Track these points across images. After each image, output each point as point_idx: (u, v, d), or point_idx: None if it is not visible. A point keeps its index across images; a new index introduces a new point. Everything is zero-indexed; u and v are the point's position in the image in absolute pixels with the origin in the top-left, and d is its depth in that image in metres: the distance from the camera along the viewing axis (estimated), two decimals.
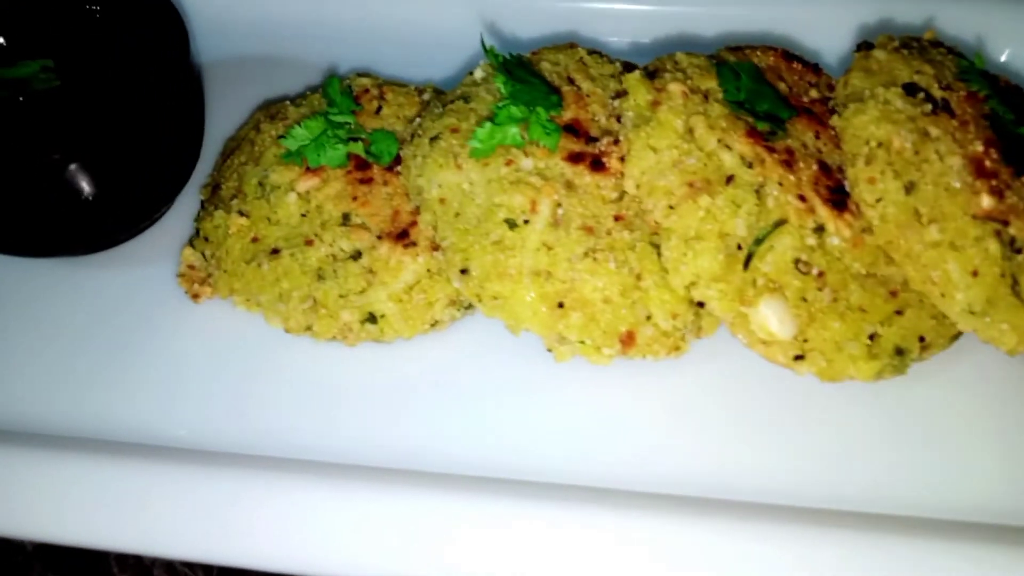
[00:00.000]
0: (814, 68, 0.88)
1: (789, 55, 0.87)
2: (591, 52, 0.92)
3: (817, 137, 0.79)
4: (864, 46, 0.83)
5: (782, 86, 0.83)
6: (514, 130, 0.78)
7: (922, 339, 0.73)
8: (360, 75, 1.00)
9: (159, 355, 0.86)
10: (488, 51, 0.84)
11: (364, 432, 0.79)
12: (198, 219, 0.91)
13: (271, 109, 0.97)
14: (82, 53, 0.92)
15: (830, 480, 0.73)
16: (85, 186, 0.82)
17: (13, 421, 0.82)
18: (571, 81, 0.88)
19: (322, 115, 0.89)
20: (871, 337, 0.71)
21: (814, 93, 0.85)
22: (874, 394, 0.75)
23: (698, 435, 0.77)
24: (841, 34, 1.04)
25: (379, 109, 0.94)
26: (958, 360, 0.76)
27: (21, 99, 0.86)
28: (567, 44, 0.94)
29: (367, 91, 0.95)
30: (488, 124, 0.77)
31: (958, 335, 0.76)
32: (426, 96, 0.96)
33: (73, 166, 0.80)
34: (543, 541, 0.69)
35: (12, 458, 0.76)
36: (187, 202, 0.96)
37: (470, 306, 0.84)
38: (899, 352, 0.72)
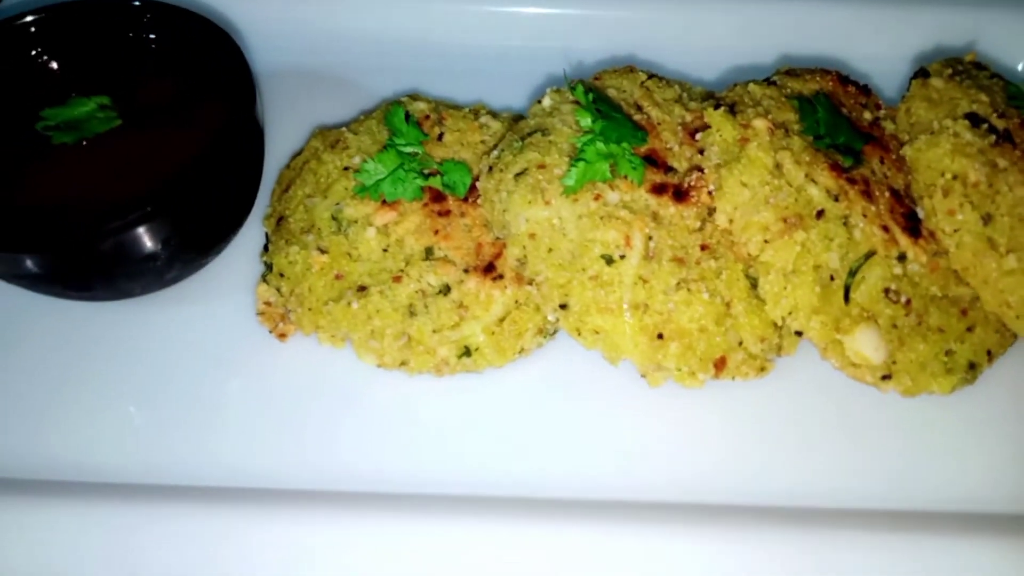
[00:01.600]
0: (864, 90, 0.92)
1: (844, 79, 0.91)
2: (651, 76, 0.95)
3: (882, 162, 0.84)
4: (921, 73, 0.87)
5: (843, 112, 0.87)
6: (603, 166, 0.80)
7: (989, 352, 0.79)
8: (413, 98, 1.00)
9: (245, 394, 0.85)
10: (575, 89, 0.85)
11: (467, 460, 0.81)
12: (268, 254, 0.90)
13: (328, 137, 0.97)
14: (138, 86, 0.90)
15: (904, 484, 0.79)
16: (159, 233, 0.81)
17: (101, 469, 0.81)
18: (639, 108, 0.90)
19: (393, 147, 0.89)
20: (947, 353, 0.77)
21: (867, 116, 0.89)
22: (942, 403, 0.81)
23: (781, 446, 0.82)
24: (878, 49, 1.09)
25: (441, 136, 0.94)
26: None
27: (84, 143, 0.84)
28: (626, 68, 0.96)
29: (427, 117, 0.96)
30: (581, 163, 0.79)
31: (1014, 342, 0.82)
32: (482, 119, 0.97)
33: (148, 217, 0.78)
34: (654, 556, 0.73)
35: (106, 505, 0.76)
36: (247, 233, 0.95)
37: (554, 332, 0.87)
38: (972, 366, 0.78)
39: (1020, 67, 1.15)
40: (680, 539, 0.75)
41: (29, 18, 0.91)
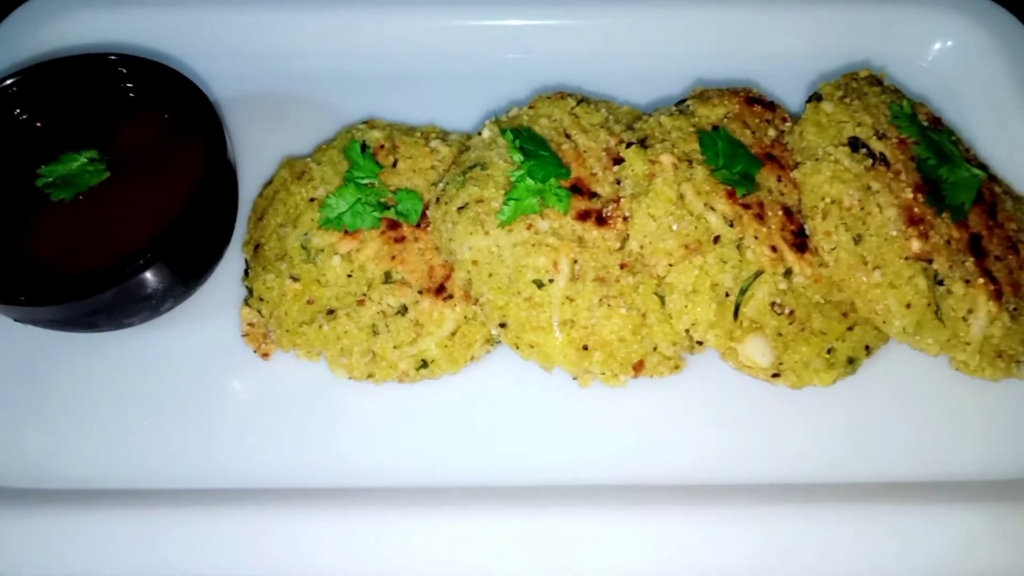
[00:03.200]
0: (770, 106, 1.03)
1: (751, 99, 1.02)
2: (580, 100, 1.06)
3: (779, 180, 0.96)
4: (815, 97, 0.98)
5: (747, 133, 0.98)
6: (532, 201, 0.92)
7: (867, 347, 0.93)
8: (370, 125, 1.11)
9: (235, 405, 0.99)
10: (504, 133, 0.96)
11: (430, 454, 0.96)
12: (248, 279, 1.03)
13: (295, 167, 1.08)
14: (119, 137, 1.00)
15: (803, 459, 0.94)
16: (158, 276, 0.93)
17: (103, 479, 0.94)
18: (567, 135, 1.02)
19: (351, 181, 1.01)
20: (828, 351, 0.91)
21: (771, 132, 1.01)
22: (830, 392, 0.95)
23: (699, 431, 0.96)
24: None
25: (395, 162, 1.06)
26: (891, 356, 0.97)
27: (81, 198, 0.95)
28: (558, 94, 1.06)
29: (382, 147, 1.07)
30: (512, 201, 0.91)
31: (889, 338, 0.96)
32: (433, 143, 1.08)
33: (148, 265, 0.91)
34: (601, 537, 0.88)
35: (107, 514, 0.89)
36: (227, 257, 1.08)
37: (499, 341, 1.00)
38: (851, 361, 0.92)
39: (936, 45, 1.25)
40: (615, 517, 0.89)
41: (9, 80, 1.01)
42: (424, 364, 0.97)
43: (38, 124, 1.01)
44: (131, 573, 0.86)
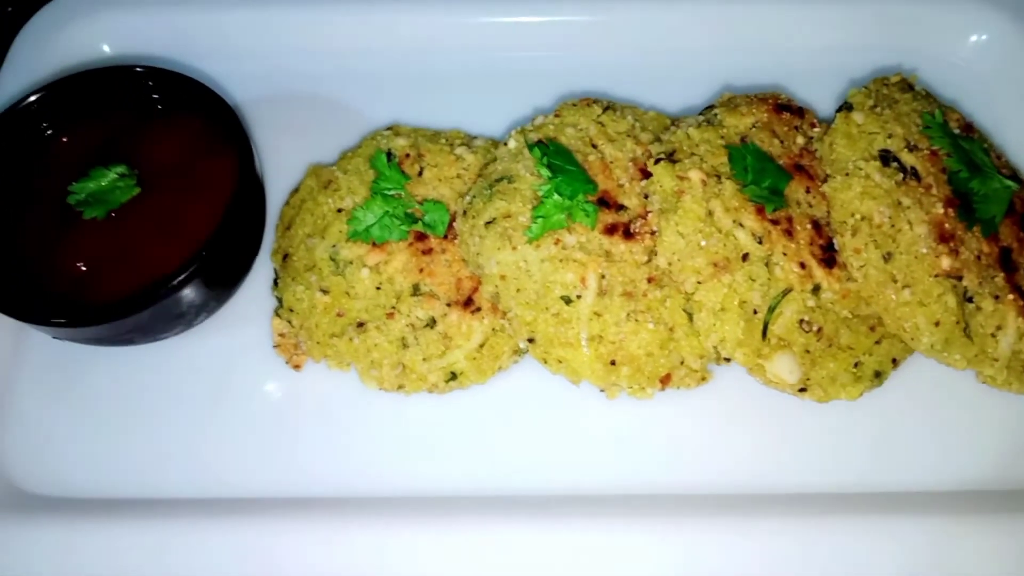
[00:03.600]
0: (799, 113, 1.02)
1: (779, 106, 1.01)
2: (606, 108, 1.05)
3: (808, 191, 0.95)
4: (845, 107, 0.97)
5: (775, 143, 0.97)
6: (560, 217, 0.93)
7: (894, 360, 0.93)
8: (394, 131, 1.11)
9: (267, 416, 1.01)
10: (532, 149, 0.96)
11: (460, 463, 0.98)
12: (278, 288, 1.04)
13: (321, 176, 1.08)
14: (148, 151, 1.01)
15: (829, 469, 0.95)
16: (193, 293, 0.95)
17: (137, 489, 0.96)
18: (594, 145, 1.01)
19: (378, 193, 1.01)
20: (856, 365, 0.92)
21: (800, 140, 1.00)
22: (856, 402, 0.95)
23: (725, 441, 0.98)
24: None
25: (421, 171, 1.06)
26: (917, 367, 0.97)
27: (113, 215, 0.96)
28: (583, 101, 1.06)
29: (407, 155, 1.07)
30: (540, 219, 0.91)
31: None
32: (458, 151, 1.08)
33: (184, 284, 0.92)
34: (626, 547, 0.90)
35: (146, 521, 0.92)
36: (256, 266, 1.09)
37: (527, 352, 1.01)
38: (877, 374, 0.93)
39: (971, 39, 1.23)
40: (650, 527, 0.91)
41: (34, 96, 1.01)
42: (453, 376, 0.98)
43: (64, 140, 1.01)
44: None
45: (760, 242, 0.89)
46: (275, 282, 1.06)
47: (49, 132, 1.02)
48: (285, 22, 1.23)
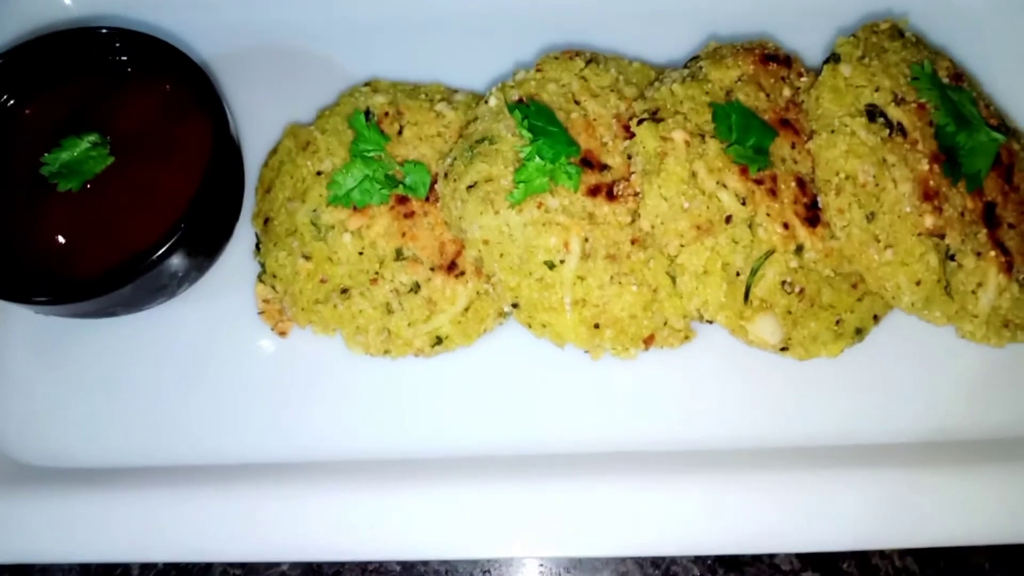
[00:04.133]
0: (787, 62, 1.00)
1: (766, 57, 0.98)
2: (588, 61, 1.02)
3: (793, 147, 0.94)
4: (832, 58, 0.95)
5: (761, 96, 0.95)
6: (542, 181, 0.91)
7: (875, 317, 0.94)
8: (372, 88, 1.08)
9: (255, 381, 1.02)
10: (512, 110, 0.94)
11: (449, 424, 0.99)
12: (260, 254, 1.03)
13: (299, 136, 1.06)
14: (118, 117, 0.98)
15: (813, 422, 0.97)
16: (175, 264, 0.94)
17: (136, 457, 0.98)
18: (576, 102, 0.99)
19: (358, 156, 0.99)
20: (837, 322, 0.92)
21: (787, 91, 0.98)
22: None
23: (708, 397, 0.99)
24: None
25: (400, 130, 1.04)
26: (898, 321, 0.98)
27: (88, 185, 0.94)
28: (565, 54, 1.03)
29: (386, 114, 1.04)
30: (522, 184, 0.90)
31: None
32: (439, 107, 1.05)
33: (164, 258, 0.91)
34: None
35: (141, 489, 0.94)
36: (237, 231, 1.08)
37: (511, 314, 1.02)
38: (858, 331, 0.94)
39: None
40: (635, 483, 0.92)
41: None
42: (439, 340, 0.99)
43: (30, 109, 0.98)
44: (153, 549, 0.91)
45: (744, 203, 0.88)
46: (257, 247, 1.05)
47: (12, 103, 0.99)
48: None
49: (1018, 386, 0.98)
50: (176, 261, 0.93)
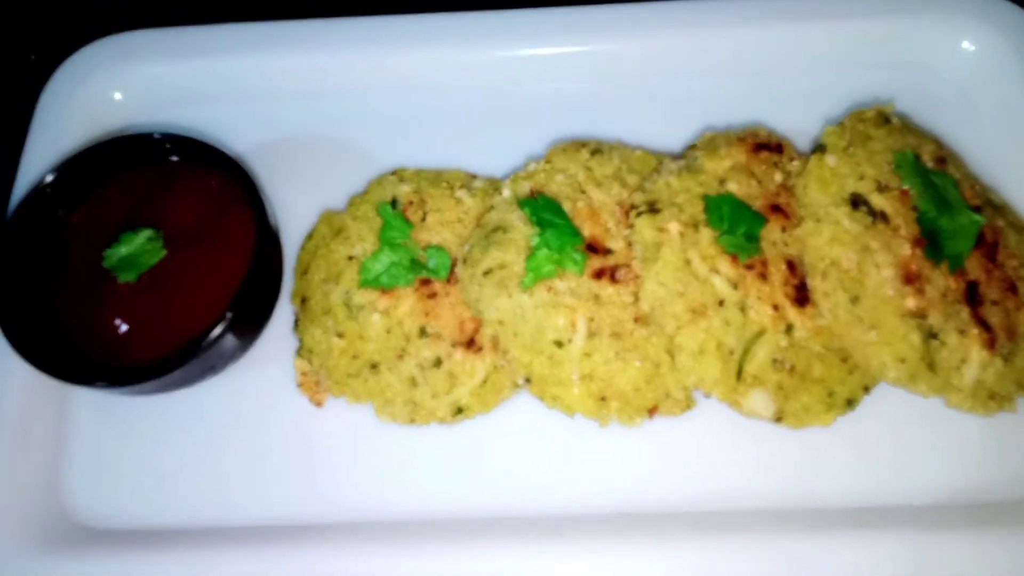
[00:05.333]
0: (778, 149, 1.07)
1: (758, 146, 1.06)
2: (593, 152, 1.11)
3: (783, 231, 1.01)
4: (819, 148, 1.02)
5: (753, 184, 1.03)
6: (550, 268, 1.00)
7: (866, 388, 1.00)
8: (398, 176, 1.18)
9: (294, 448, 1.11)
10: (522, 206, 1.03)
11: (471, 486, 1.08)
12: (298, 330, 1.13)
13: (332, 223, 1.17)
14: (171, 211, 1.09)
15: (807, 487, 1.03)
16: (222, 347, 1.04)
17: (185, 519, 1.08)
18: (582, 191, 1.08)
19: (386, 244, 1.09)
20: (829, 395, 0.99)
21: (778, 176, 1.05)
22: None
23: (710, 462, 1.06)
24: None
25: (424, 216, 1.14)
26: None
27: (144, 277, 1.05)
28: (572, 145, 1.12)
29: (411, 203, 1.14)
30: (531, 271, 0.99)
31: None
32: (459, 193, 1.15)
33: (213, 343, 1.02)
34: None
35: (189, 549, 1.03)
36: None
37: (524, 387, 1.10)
38: (849, 402, 1.00)
39: (964, 44, 1.25)
40: (642, 545, 0.99)
41: (51, 177, 1.09)
42: (460, 410, 1.08)
43: (88, 210, 1.09)
44: None
45: (735, 288, 0.96)
46: (295, 323, 1.15)
47: (71, 206, 1.10)
48: (290, 67, 1.29)
49: (1010, 451, 1.03)
50: (224, 344, 1.04)
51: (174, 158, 1.12)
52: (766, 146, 1.06)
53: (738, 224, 0.98)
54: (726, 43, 1.25)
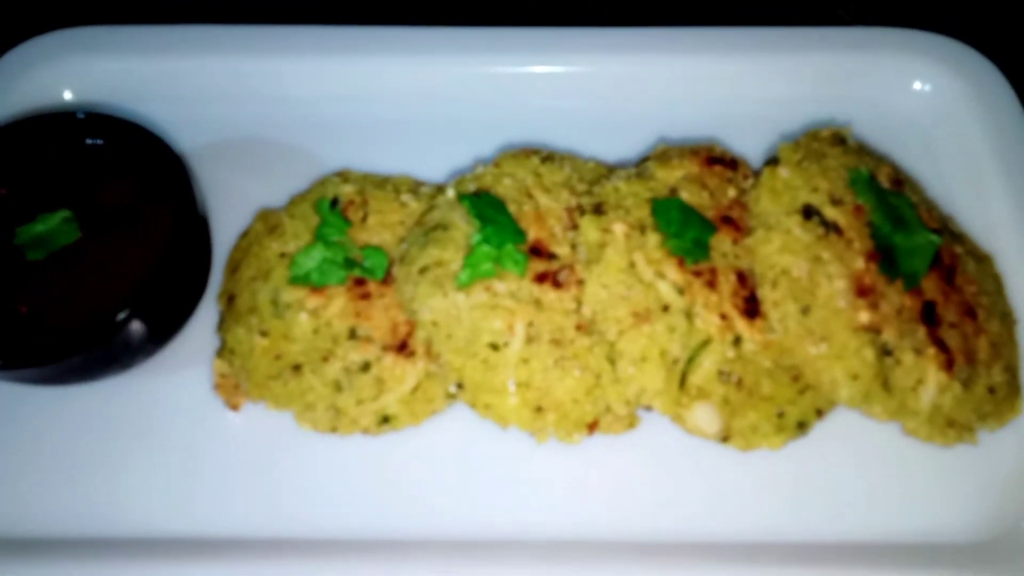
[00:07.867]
0: (732, 165, 1.04)
1: (712, 159, 1.03)
2: (544, 159, 1.07)
3: (734, 243, 0.97)
4: (772, 161, 0.99)
5: (704, 195, 0.99)
6: (489, 266, 0.95)
7: (819, 411, 0.94)
8: (343, 177, 1.14)
9: (204, 456, 1.02)
10: (463, 200, 0.98)
11: (391, 504, 0.99)
12: (221, 330, 1.06)
13: (268, 220, 1.11)
14: (92, 195, 1.03)
15: (753, 518, 0.96)
16: (132, 336, 0.97)
17: (88, 528, 0.98)
18: (529, 195, 1.03)
19: (320, 239, 1.04)
20: (779, 415, 0.93)
21: (731, 192, 1.02)
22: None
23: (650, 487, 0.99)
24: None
25: (365, 217, 1.08)
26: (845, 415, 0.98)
27: (51, 256, 0.98)
28: (523, 152, 1.08)
29: (352, 202, 1.09)
30: (468, 268, 0.93)
31: None
32: (403, 197, 1.10)
33: (122, 327, 0.94)
34: None
35: (83, 561, 0.94)
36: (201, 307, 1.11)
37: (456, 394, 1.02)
38: (801, 425, 0.93)
39: (915, 85, 1.25)
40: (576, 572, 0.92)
41: None
42: (386, 419, 1.00)
43: (2, 192, 1.03)
44: None
45: (681, 293, 0.91)
46: (220, 324, 1.08)
47: None
48: (244, 71, 1.26)
49: (969, 489, 0.97)
50: (129, 333, 0.96)
51: (101, 141, 1.07)
52: (720, 160, 1.03)
53: (687, 228, 0.93)
54: (684, 71, 1.24)
